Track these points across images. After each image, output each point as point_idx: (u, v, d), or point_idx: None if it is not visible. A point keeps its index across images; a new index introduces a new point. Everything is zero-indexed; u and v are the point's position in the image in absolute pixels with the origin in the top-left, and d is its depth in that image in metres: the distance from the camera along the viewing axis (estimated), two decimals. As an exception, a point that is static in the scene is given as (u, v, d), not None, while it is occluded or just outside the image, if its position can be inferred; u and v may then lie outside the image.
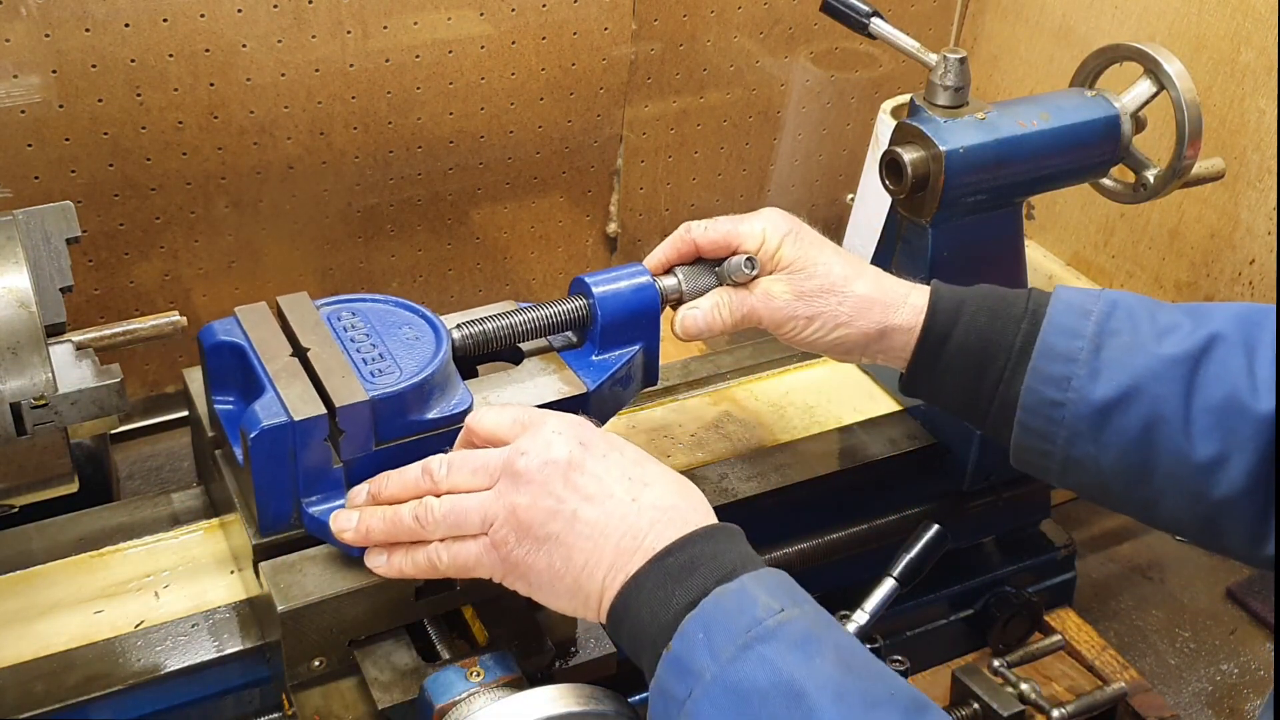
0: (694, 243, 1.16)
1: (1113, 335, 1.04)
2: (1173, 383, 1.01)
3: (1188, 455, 1.00)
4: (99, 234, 1.60)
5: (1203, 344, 1.01)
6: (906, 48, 1.35)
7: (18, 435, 0.95)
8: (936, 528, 1.18)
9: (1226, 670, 1.55)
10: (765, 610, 0.84)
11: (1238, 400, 0.99)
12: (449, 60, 1.70)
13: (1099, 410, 1.02)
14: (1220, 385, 1.00)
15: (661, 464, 0.97)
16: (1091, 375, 1.03)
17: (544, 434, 0.95)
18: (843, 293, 1.12)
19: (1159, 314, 1.05)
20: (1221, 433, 0.99)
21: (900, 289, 1.13)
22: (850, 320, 1.12)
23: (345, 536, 0.99)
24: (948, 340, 1.10)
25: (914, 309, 1.12)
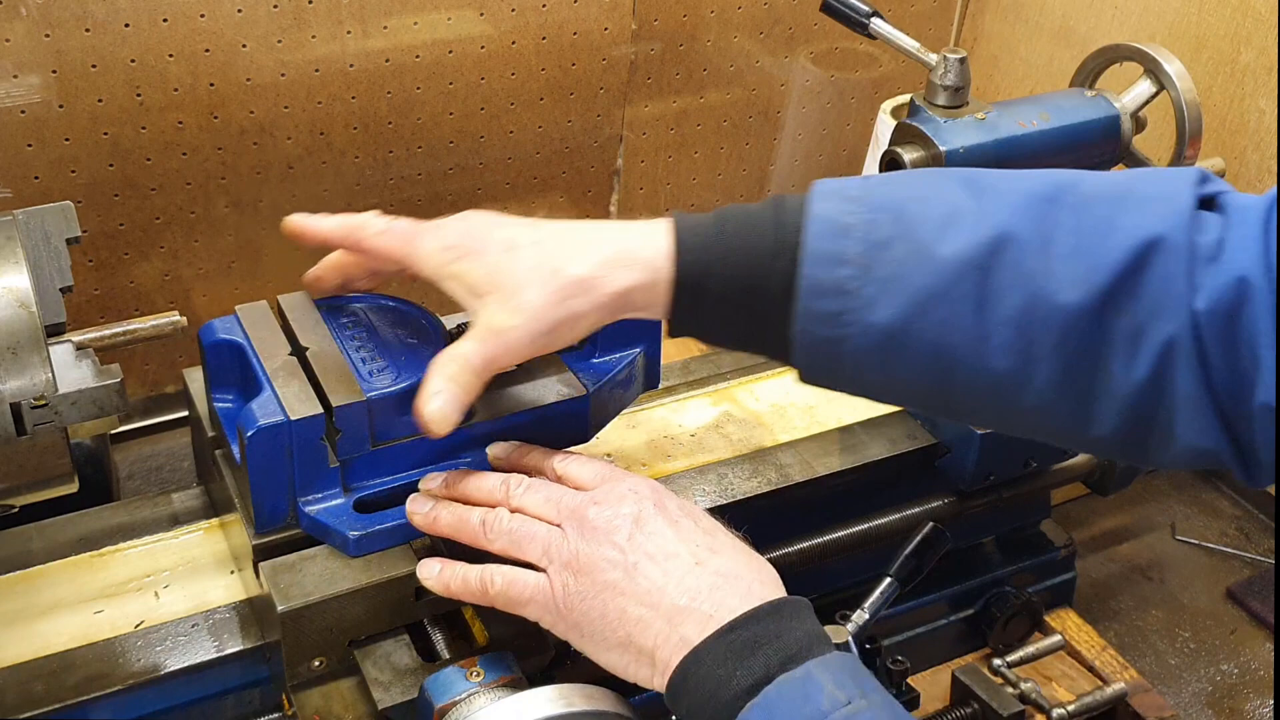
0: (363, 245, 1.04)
1: (883, 248, 0.88)
2: (960, 301, 0.87)
3: (987, 372, 0.89)
4: (99, 234, 1.60)
5: (990, 245, 0.87)
6: (906, 48, 1.35)
7: (18, 435, 0.95)
8: (936, 528, 1.18)
9: (1226, 670, 1.55)
10: (831, 702, 0.81)
11: (1037, 305, 0.86)
12: (449, 60, 1.70)
13: (882, 340, 0.89)
14: (1016, 292, 0.86)
15: (735, 538, 0.96)
16: (867, 304, 0.88)
17: (620, 489, 0.96)
18: (565, 287, 0.95)
19: (932, 198, 0.90)
20: (1021, 344, 0.87)
21: (625, 248, 0.95)
22: (587, 309, 0.95)
23: (415, 520, 1.01)
24: (704, 295, 0.94)
25: (648, 266, 0.94)
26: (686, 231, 0.95)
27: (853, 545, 1.33)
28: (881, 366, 0.91)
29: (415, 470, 1.06)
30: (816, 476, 1.29)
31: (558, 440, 1.11)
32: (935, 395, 0.93)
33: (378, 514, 1.04)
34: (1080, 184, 0.90)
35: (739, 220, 0.94)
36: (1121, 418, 0.88)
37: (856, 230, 0.89)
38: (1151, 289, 0.85)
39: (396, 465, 1.06)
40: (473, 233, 0.99)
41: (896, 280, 0.88)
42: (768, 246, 0.92)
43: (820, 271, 0.89)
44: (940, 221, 0.88)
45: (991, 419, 0.96)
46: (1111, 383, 0.87)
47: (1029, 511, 1.49)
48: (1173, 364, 0.85)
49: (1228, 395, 0.85)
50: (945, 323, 0.88)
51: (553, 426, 1.11)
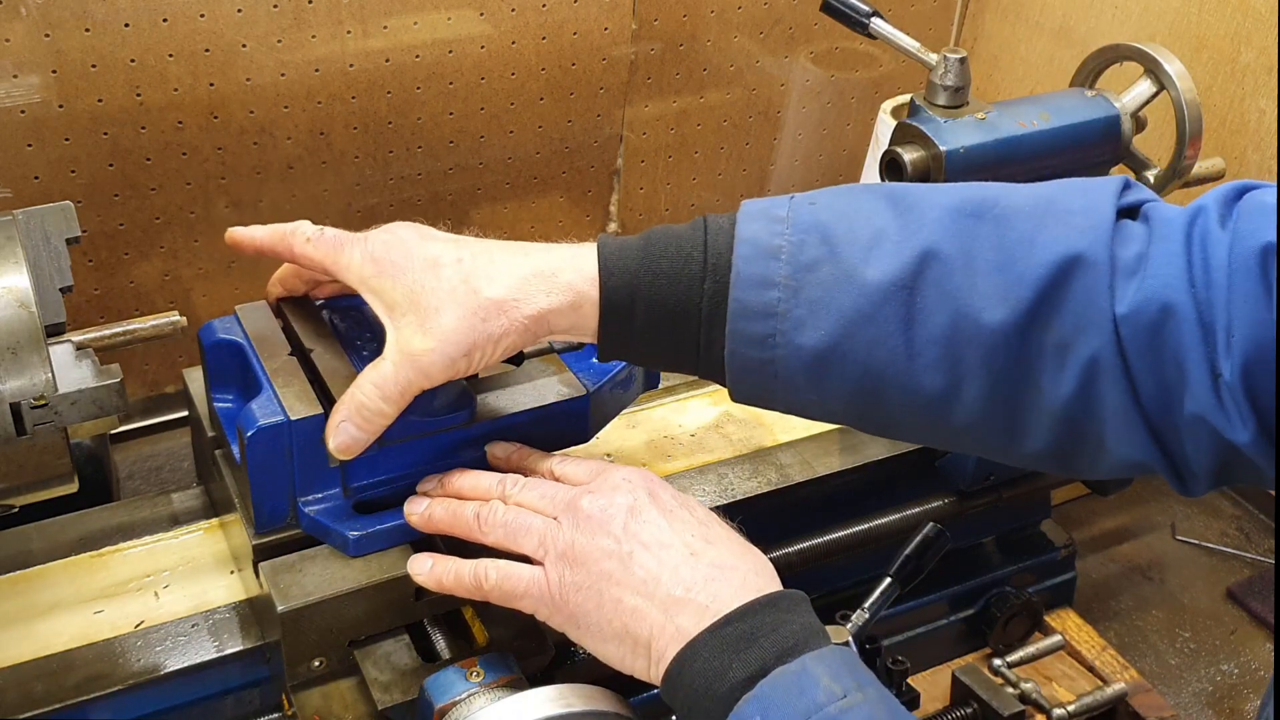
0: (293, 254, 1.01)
1: (810, 270, 0.89)
2: (887, 321, 0.87)
3: (916, 392, 0.89)
4: (99, 234, 1.60)
5: (915, 265, 0.87)
6: (906, 48, 1.35)
7: (18, 435, 0.95)
8: (936, 528, 1.18)
9: (1226, 670, 1.55)
10: (827, 695, 0.81)
11: (963, 324, 0.87)
12: (449, 60, 1.70)
13: (812, 362, 0.90)
14: (941, 311, 0.87)
15: (730, 529, 0.96)
16: (796, 326, 0.89)
17: (614, 479, 0.96)
18: (480, 309, 0.93)
19: (857, 220, 0.90)
20: (949, 362, 0.88)
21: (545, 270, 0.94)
22: (504, 331, 0.93)
23: (411, 520, 1.02)
24: (631, 319, 0.93)
25: (569, 289, 0.93)
26: (612, 255, 0.93)
27: (853, 545, 1.33)
28: (812, 387, 0.92)
29: (415, 470, 1.06)
30: (816, 476, 1.29)
31: (558, 440, 1.11)
32: (867, 414, 0.94)
33: (377, 514, 1.04)
34: (1002, 199, 0.90)
35: (666, 243, 0.93)
36: (1052, 433, 0.89)
37: (784, 252, 0.89)
38: (1074, 305, 0.85)
39: (396, 465, 1.06)
40: (396, 247, 0.96)
41: (824, 303, 0.89)
42: (695, 270, 0.91)
43: (749, 295, 0.90)
44: (866, 243, 0.89)
45: (924, 436, 0.97)
46: (1040, 398, 0.88)
47: (1029, 511, 1.49)
48: (1098, 378, 0.85)
49: (1155, 408, 0.85)
50: (873, 343, 0.89)
51: (553, 426, 1.11)
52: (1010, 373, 0.87)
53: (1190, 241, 0.84)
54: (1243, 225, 0.82)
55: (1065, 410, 0.87)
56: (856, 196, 0.93)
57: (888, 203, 0.91)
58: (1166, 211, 0.87)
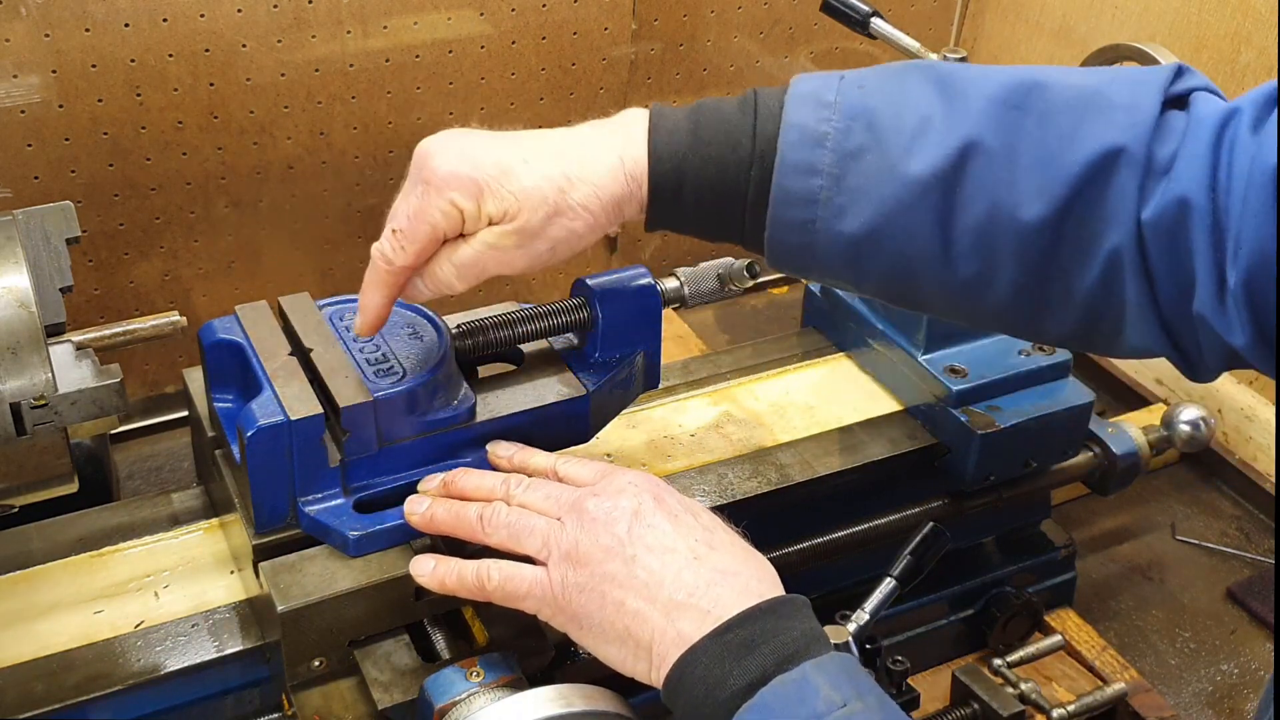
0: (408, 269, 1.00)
1: (854, 158, 0.90)
2: (926, 211, 0.89)
3: (949, 279, 0.91)
4: (99, 234, 1.61)
5: (956, 158, 0.87)
6: (907, 48, 1.35)
7: (18, 435, 0.95)
8: (936, 528, 1.18)
9: (1226, 670, 1.55)
10: (827, 704, 0.81)
11: (999, 215, 0.88)
12: (449, 60, 1.70)
13: (849, 247, 0.91)
14: (979, 202, 0.88)
15: (734, 535, 0.96)
16: (836, 213, 0.90)
17: (619, 482, 0.96)
18: (569, 209, 0.95)
19: (905, 104, 0.90)
20: (983, 251, 0.89)
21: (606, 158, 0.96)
22: (588, 228, 0.96)
23: (412, 520, 1.01)
24: (679, 200, 0.96)
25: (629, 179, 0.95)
26: (663, 141, 0.95)
27: (853, 545, 1.33)
28: (849, 270, 0.94)
29: (415, 470, 1.06)
30: (816, 476, 1.29)
31: (558, 440, 1.11)
32: (903, 296, 0.97)
33: (378, 514, 1.04)
34: (1050, 88, 0.89)
35: (715, 125, 0.95)
36: (1075, 319, 0.91)
37: (830, 140, 0.90)
38: (1107, 200, 0.86)
39: (397, 465, 1.06)
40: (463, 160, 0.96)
41: (865, 191, 0.90)
42: (743, 156, 0.93)
43: (793, 181, 0.91)
44: (911, 132, 0.89)
45: (956, 317, 0.99)
46: (1067, 288, 0.89)
47: (1029, 511, 1.49)
48: (1120, 273, 0.87)
49: (1169, 304, 0.87)
50: (910, 232, 0.90)
51: (553, 426, 1.11)
52: (1041, 264, 0.89)
53: (1219, 145, 0.83)
54: (1266, 134, 0.82)
55: (1088, 299, 0.89)
56: (906, 79, 0.92)
57: (936, 88, 0.91)
58: (1205, 108, 0.87)
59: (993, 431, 1.30)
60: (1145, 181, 0.85)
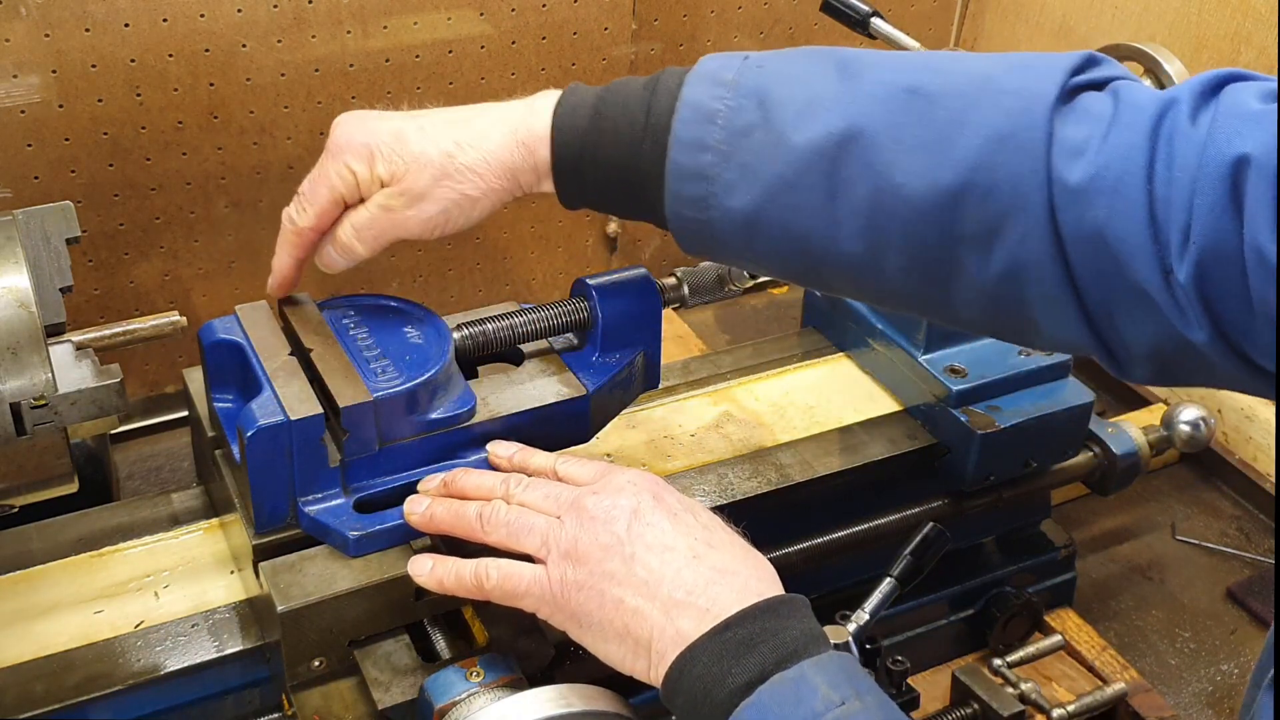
0: (311, 231, 1.07)
1: (744, 135, 0.91)
2: (810, 189, 0.89)
3: (841, 257, 0.92)
4: (99, 234, 1.60)
5: (840, 137, 0.88)
6: (907, 47, 1.35)
7: (18, 435, 0.95)
8: (936, 528, 1.18)
9: (1226, 670, 1.55)
10: (825, 703, 0.81)
11: (884, 196, 0.87)
12: (449, 60, 1.70)
13: (743, 224, 0.93)
14: (864, 182, 0.88)
15: (734, 534, 0.96)
16: (726, 190, 0.92)
17: (618, 481, 0.97)
18: (455, 172, 1.01)
19: (797, 83, 0.91)
20: (871, 232, 0.89)
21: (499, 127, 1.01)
22: (479, 192, 1.01)
23: (412, 519, 1.02)
24: (583, 177, 1.00)
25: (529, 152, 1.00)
26: (565, 118, 1.00)
27: (853, 545, 1.33)
28: (746, 248, 0.96)
29: (415, 470, 1.06)
30: (816, 476, 1.29)
31: (558, 440, 1.11)
32: (801, 273, 0.98)
33: (378, 514, 1.04)
34: (943, 74, 0.89)
35: (617, 102, 0.98)
36: (983, 307, 0.90)
37: (720, 116, 0.92)
38: (1001, 187, 0.84)
39: (397, 465, 1.06)
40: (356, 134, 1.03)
41: (753, 167, 0.91)
42: (637, 132, 0.96)
43: (685, 157, 0.93)
44: (800, 107, 0.90)
45: (858, 297, 1.01)
46: (966, 276, 0.89)
47: (1029, 511, 1.49)
48: (1026, 262, 0.85)
49: (1091, 291, 0.84)
50: (797, 209, 0.91)
51: (553, 426, 1.11)
52: (933, 250, 0.88)
53: (1157, 135, 0.81)
54: (1219, 128, 0.79)
55: (994, 290, 0.88)
56: (808, 59, 0.94)
57: (835, 67, 0.92)
58: (1137, 96, 0.84)
59: (993, 431, 1.30)
60: (1051, 162, 0.83)
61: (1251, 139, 0.77)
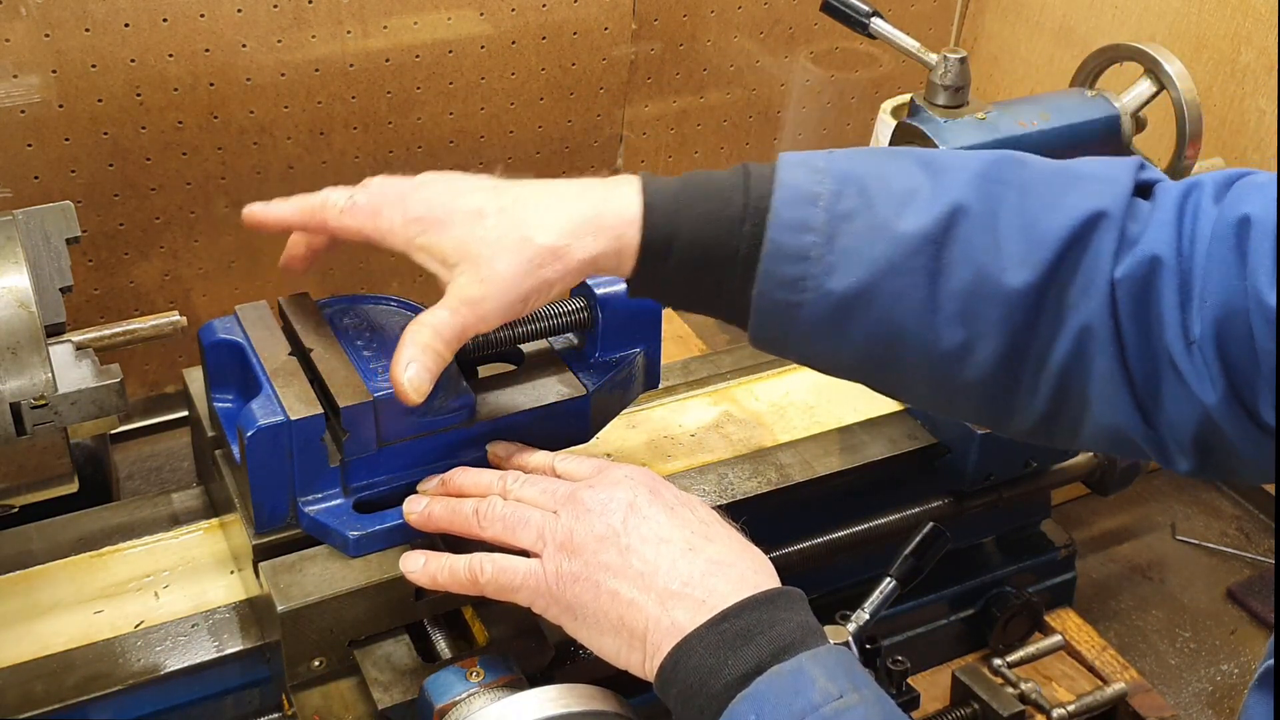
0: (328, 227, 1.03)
1: (846, 220, 0.91)
2: (914, 273, 0.90)
3: (933, 345, 0.91)
4: (99, 234, 1.61)
5: (945, 219, 0.89)
6: (906, 48, 1.35)
7: (17, 435, 0.95)
8: (936, 528, 1.18)
9: (1226, 670, 1.55)
10: (822, 695, 0.81)
11: (985, 281, 0.89)
12: (449, 60, 1.70)
13: (838, 308, 0.91)
14: (966, 266, 0.89)
15: (732, 529, 0.96)
16: (827, 271, 0.91)
17: (615, 475, 0.97)
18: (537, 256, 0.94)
19: (893, 177, 0.93)
20: (967, 318, 0.90)
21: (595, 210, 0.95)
22: (561, 275, 0.95)
23: (410, 519, 1.01)
24: (668, 257, 0.94)
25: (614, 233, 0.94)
26: (655, 195, 0.95)
27: (853, 545, 1.33)
28: (833, 334, 0.93)
29: (415, 470, 1.06)
30: (816, 476, 1.29)
31: (558, 440, 1.11)
32: (881, 367, 0.96)
33: (378, 514, 1.04)
34: (1026, 165, 0.93)
35: (706, 186, 0.95)
36: (1048, 394, 0.91)
37: (822, 200, 0.92)
38: (1086, 266, 0.88)
39: (397, 465, 1.06)
40: (436, 203, 0.98)
41: (857, 250, 0.91)
42: (735, 212, 0.93)
43: (785, 237, 0.91)
44: (900, 198, 0.91)
45: (930, 393, 0.98)
46: (1043, 360, 0.90)
47: (1029, 511, 1.49)
48: (1092, 340, 0.88)
49: (1140, 371, 0.88)
50: (899, 294, 0.90)
51: (553, 426, 1.11)
52: (1022, 333, 0.90)
53: (1183, 211, 0.87)
54: (1229, 199, 0.86)
55: (1061, 371, 0.90)
56: (890, 157, 0.96)
57: (919, 164, 0.93)
58: (1169, 186, 0.91)
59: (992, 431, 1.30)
60: (1120, 248, 0.87)
61: (1255, 203, 0.84)
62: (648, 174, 0.97)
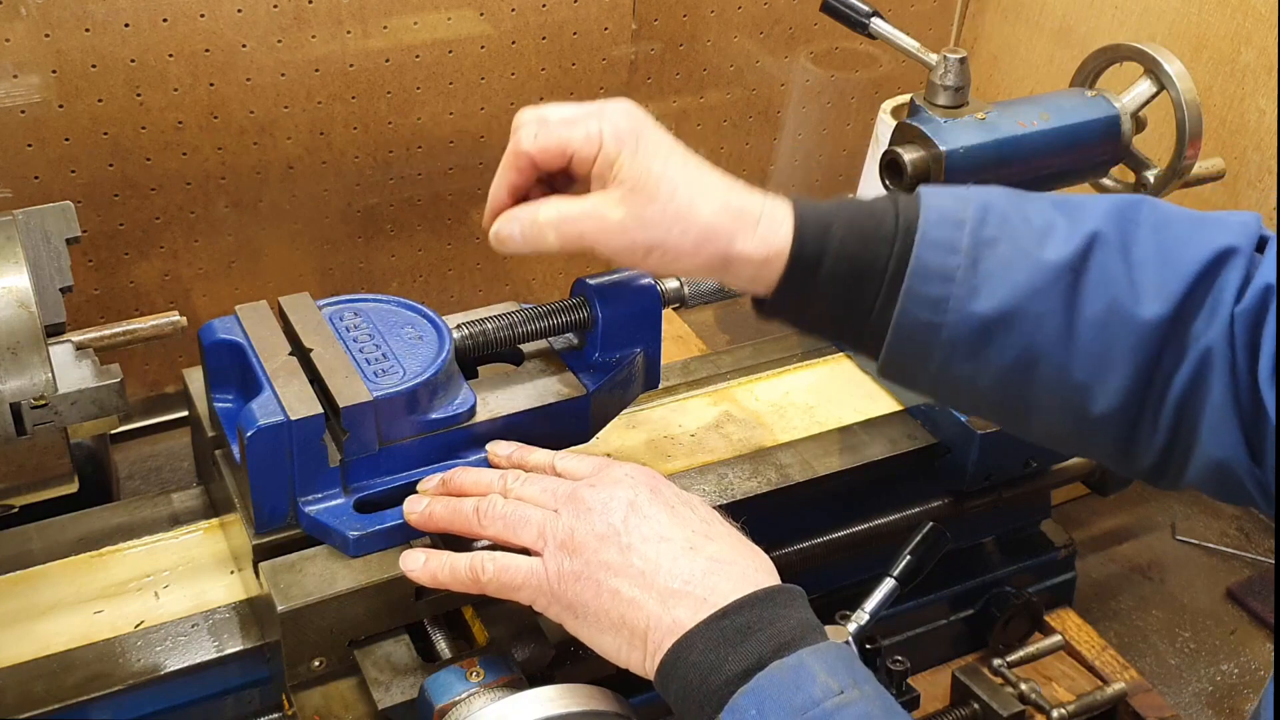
0: (528, 156, 1.00)
1: (989, 245, 0.93)
2: (1054, 299, 0.92)
3: (1069, 373, 0.93)
4: (99, 234, 1.61)
5: (1083, 248, 0.92)
6: (906, 48, 1.35)
7: (18, 435, 0.95)
8: (936, 528, 1.18)
9: (1226, 670, 1.55)
10: (823, 690, 0.82)
11: (1118, 311, 0.91)
12: (449, 60, 1.70)
13: (979, 330, 0.93)
14: (1102, 295, 0.91)
15: (732, 528, 0.96)
16: (970, 293, 0.92)
17: (615, 474, 0.97)
18: (687, 220, 0.95)
19: (1030, 212, 0.95)
20: (1102, 347, 0.92)
21: (749, 212, 0.97)
22: (694, 251, 0.96)
23: (411, 519, 1.01)
24: (817, 270, 0.96)
25: (762, 240, 0.95)
26: (808, 212, 0.97)
27: (853, 545, 1.33)
28: (971, 357, 0.94)
29: (416, 470, 1.06)
30: (816, 476, 1.29)
31: (558, 439, 1.11)
32: (1015, 397, 0.96)
33: (378, 514, 1.04)
34: (1158, 206, 0.95)
35: (858, 206, 0.98)
36: (1168, 427, 0.92)
37: (968, 225, 0.94)
38: (1213, 298, 0.90)
39: (397, 465, 1.06)
40: (635, 130, 0.98)
41: (999, 274, 0.93)
42: (887, 231, 0.95)
43: (932, 256, 0.93)
44: (1040, 230, 0.94)
45: (1059, 425, 0.98)
46: (1167, 390, 0.91)
47: (1029, 511, 1.49)
48: (1209, 370, 0.89)
49: (1248, 403, 0.88)
50: (1039, 318, 0.92)
51: (553, 426, 1.11)
52: (1150, 365, 0.91)
53: None
54: None
55: (1180, 401, 0.91)
56: (1026, 196, 0.98)
57: (1053, 204, 0.96)
58: None
59: (993, 431, 1.30)
60: (1244, 284, 0.89)
61: None
62: (799, 196, 0.98)
